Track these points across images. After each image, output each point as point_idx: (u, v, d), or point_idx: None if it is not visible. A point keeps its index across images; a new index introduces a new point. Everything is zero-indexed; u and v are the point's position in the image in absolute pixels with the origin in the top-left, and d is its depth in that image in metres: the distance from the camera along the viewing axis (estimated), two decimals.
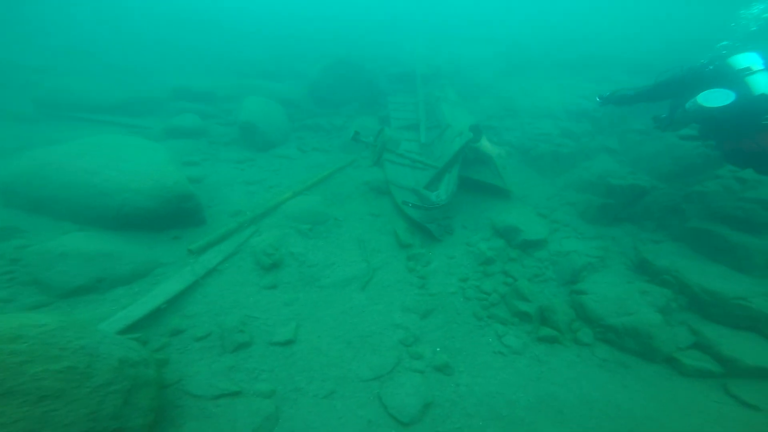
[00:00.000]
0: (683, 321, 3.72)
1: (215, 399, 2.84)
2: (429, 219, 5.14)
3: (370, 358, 3.41)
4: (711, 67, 3.93)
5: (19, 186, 4.63)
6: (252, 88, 9.72)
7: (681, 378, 3.33)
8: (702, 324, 3.63)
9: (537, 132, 7.77)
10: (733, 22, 5.67)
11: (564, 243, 4.87)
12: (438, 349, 3.57)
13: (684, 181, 5.39)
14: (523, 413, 2.95)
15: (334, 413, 2.84)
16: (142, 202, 4.40)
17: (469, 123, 7.82)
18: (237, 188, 5.87)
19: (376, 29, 18.68)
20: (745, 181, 4.56)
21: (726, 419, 2.94)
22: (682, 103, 4.06)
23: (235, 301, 3.91)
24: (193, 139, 7.25)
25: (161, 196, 4.48)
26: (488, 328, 3.86)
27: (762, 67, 3.64)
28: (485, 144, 6.78)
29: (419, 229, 5.10)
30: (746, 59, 3.76)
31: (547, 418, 2.92)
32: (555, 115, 8.55)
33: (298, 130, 8.56)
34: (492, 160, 6.65)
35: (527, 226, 4.95)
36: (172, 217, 4.63)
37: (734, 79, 3.69)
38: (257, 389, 2.96)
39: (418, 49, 13.49)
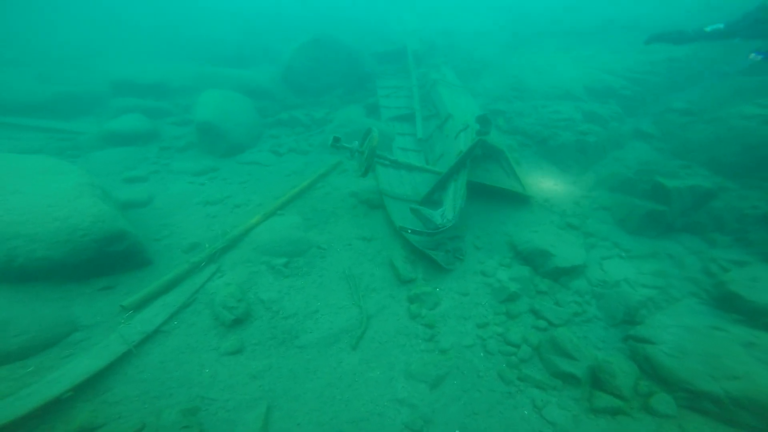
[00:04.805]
0: None
1: None
2: (434, 244, 4.36)
3: None
4: None
5: None
6: (214, 78, 8.72)
7: None
8: None
9: (555, 117, 6.93)
10: None
11: (607, 266, 4.12)
12: None
13: (761, 177, 4.55)
14: None
15: None
16: (41, 252, 3.41)
17: (472, 111, 7.01)
18: (194, 211, 5.01)
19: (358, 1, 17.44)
20: None
21: None
22: None
23: (184, 376, 3.16)
24: (140, 145, 6.31)
25: (71, 242, 3.50)
26: (521, 395, 3.15)
27: None
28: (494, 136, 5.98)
29: (422, 257, 4.32)
30: None
31: None
32: (574, 96, 7.72)
33: (272, 127, 7.64)
34: (503, 153, 5.85)
35: (558, 247, 4.18)
36: (97, 263, 3.69)
37: None
38: None
39: (409, 22, 12.44)
